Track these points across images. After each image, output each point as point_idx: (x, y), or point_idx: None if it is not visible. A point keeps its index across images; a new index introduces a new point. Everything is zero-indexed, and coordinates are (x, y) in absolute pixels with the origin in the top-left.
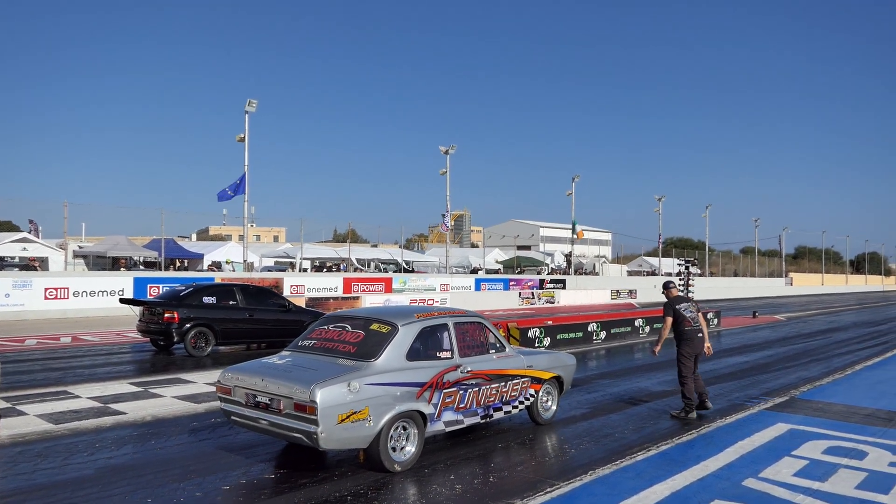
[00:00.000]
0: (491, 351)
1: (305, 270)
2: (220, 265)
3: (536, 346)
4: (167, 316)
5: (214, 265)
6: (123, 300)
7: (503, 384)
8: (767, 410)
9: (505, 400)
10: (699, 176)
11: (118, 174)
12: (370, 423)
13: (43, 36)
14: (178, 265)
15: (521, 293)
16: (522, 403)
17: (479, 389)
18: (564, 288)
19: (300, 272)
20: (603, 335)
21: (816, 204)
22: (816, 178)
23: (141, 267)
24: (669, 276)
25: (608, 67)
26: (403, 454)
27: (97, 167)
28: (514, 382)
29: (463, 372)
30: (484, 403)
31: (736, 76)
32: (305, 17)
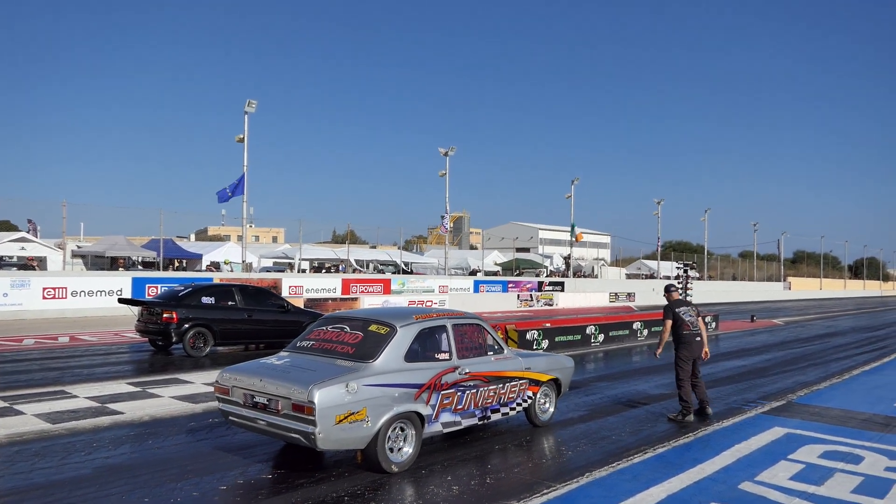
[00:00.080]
0: (489, 353)
1: (304, 271)
2: (218, 265)
3: (534, 348)
4: (166, 316)
5: (213, 265)
6: (122, 300)
7: (501, 386)
8: (764, 414)
9: (503, 402)
10: (698, 179)
11: (117, 174)
12: (368, 423)
13: (43, 36)
14: (176, 265)
15: (519, 295)
16: (520, 405)
17: (476, 391)
18: (563, 290)
19: (299, 273)
20: (601, 338)
21: (815, 208)
22: (816, 182)
23: (139, 267)
24: (668, 279)
25: (608, 69)
26: (401, 455)
27: (96, 167)
28: (511, 384)
29: (461, 373)
30: (482, 405)
31: (736, 79)
32: (305, 17)
